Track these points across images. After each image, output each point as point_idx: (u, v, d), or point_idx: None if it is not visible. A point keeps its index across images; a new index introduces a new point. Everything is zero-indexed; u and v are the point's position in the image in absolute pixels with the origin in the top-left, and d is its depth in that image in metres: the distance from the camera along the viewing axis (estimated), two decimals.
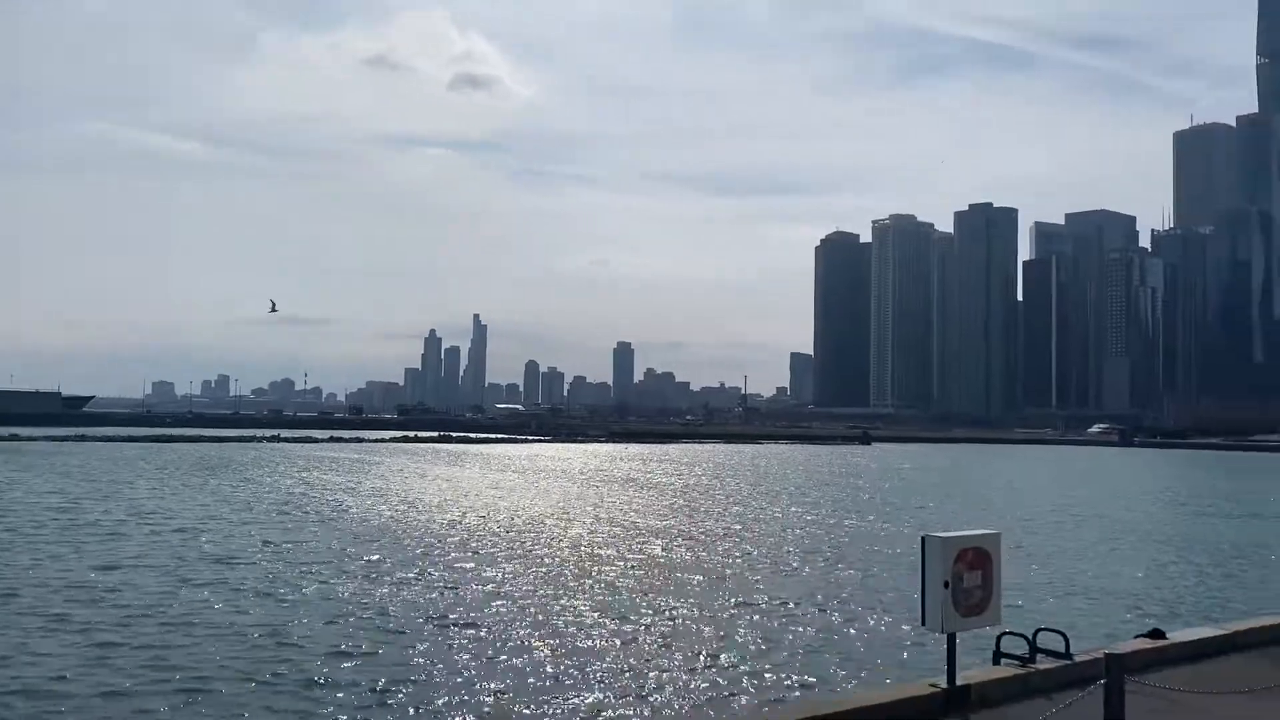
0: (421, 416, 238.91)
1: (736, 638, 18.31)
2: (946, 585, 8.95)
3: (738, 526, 38.30)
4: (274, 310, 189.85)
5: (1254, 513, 50.96)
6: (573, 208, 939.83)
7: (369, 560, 27.81)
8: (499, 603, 21.37)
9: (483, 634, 18.29)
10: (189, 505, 43.97)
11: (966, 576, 9.06)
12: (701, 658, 16.71)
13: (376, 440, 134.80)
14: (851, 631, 19.21)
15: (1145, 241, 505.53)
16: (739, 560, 28.90)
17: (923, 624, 9.39)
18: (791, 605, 21.79)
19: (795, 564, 28.56)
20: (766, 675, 15.73)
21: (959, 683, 9.27)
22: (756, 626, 19.39)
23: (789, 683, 15.19)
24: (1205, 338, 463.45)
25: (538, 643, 17.59)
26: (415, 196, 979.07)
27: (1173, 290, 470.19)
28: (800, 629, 19.30)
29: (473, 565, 27.01)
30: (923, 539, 9.24)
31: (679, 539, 33.51)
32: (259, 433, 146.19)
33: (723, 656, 16.81)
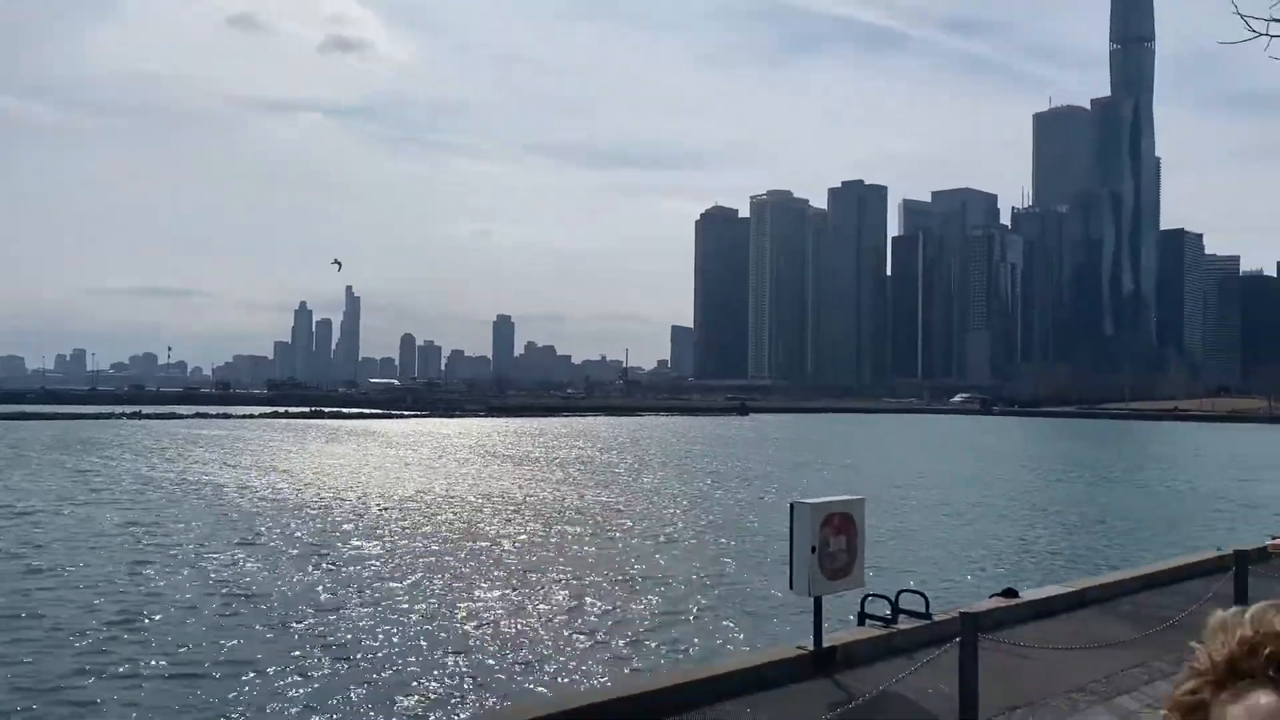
0: (292, 392, 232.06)
1: (610, 607, 18.44)
2: (813, 550, 9.16)
3: (616, 498, 38.54)
4: (339, 267, 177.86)
5: (1103, 477, 53.94)
6: (452, 177, 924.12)
7: (240, 541, 26.95)
8: (373, 581, 21.00)
9: (358, 613, 17.95)
10: (43, 487, 41.75)
11: (832, 541, 9.29)
12: (573, 627, 16.77)
13: (245, 416, 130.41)
14: (724, 597, 19.54)
15: (1006, 219, 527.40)
16: (615, 531, 29.10)
17: (791, 588, 9.60)
18: (666, 574, 22.06)
19: (671, 533, 28.92)
20: (640, 643, 15.89)
21: (825, 644, 9.51)
22: (631, 595, 19.57)
23: (662, 649, 15.37)
24: (1060, 312, 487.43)
25: (415, 617, 17.35)
26: (284, 163, 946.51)
27: (1030, 266, 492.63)
28: (673, 597, 19.56)
29: (349, 543, 26.47)
30: (791, 505, 9.43)
31: (556, 512, 33.53)
32: (119, 409, 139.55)
33: (595, 625, 16.91)
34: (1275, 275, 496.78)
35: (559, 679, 13.42)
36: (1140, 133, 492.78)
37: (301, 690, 13.19)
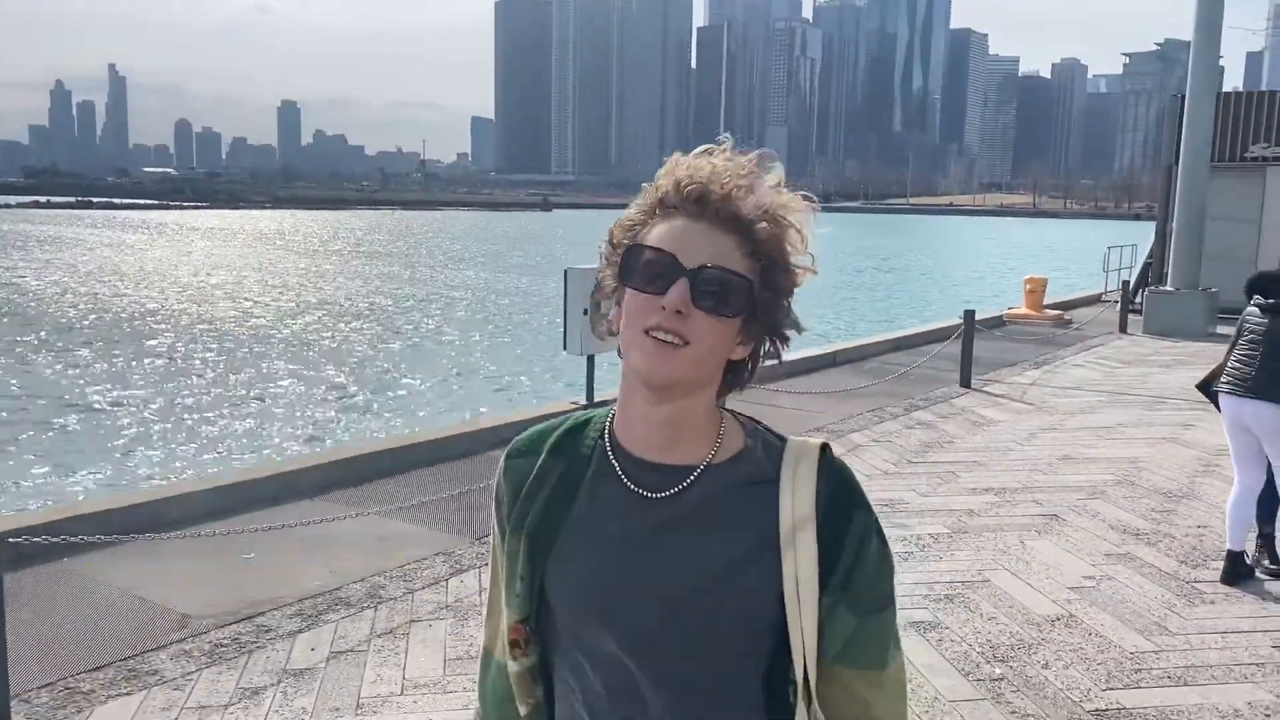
0: (54, 181, 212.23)
1: (397, 374, 18.58)
2: (585, 313, 9.52)
3: (412, 290, 38.12)
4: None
5: (891, 269, 57.34)
6: None
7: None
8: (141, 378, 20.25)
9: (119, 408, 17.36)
10: None
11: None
12: (363, 388, 16.89)
13: (2, 207, 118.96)
14: (506, 363, 19.88)
15: (809, 11, 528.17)
16: (404, 323, 28.97)
17: (564, 349, 10.01)
18: (457, 347, 22.28)
19: (462, 315, 29.05)
20: (423, 403, 16.23)
21: (596, 399, 10.06)
22: (416, 361, 19.70)
23: (440, 407, 15.68)
24: (853, 107, 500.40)
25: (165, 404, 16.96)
26: None
27: (829, 62, 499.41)
28: (465, 366, 19.86)
29: (115, 344, 25.22)
30: (565, 271, 9.70)
31: (349, 304, 32.91)
32: None
33: (382, 387, 17.06)
34: (1049, 77, 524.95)
35: (356, 429, 13.62)
36: None
37: None
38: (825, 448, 1.23)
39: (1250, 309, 5.24)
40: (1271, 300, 5.13)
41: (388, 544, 5.78)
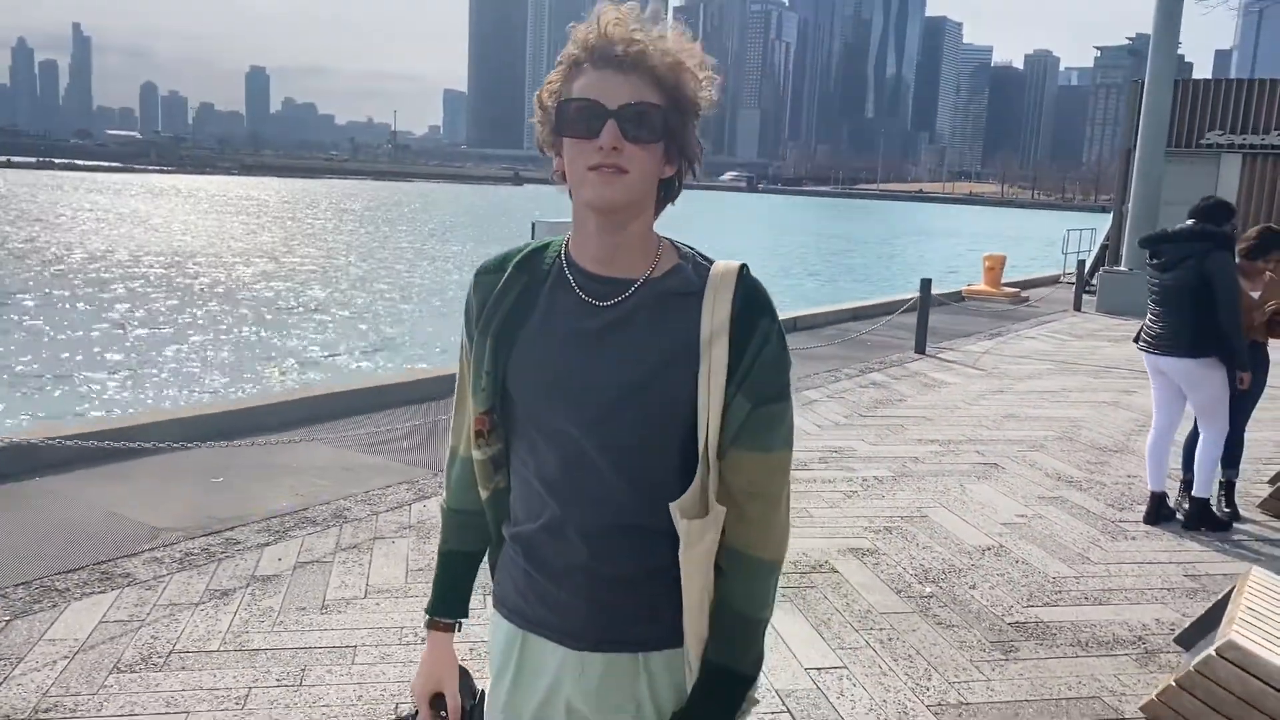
0: (14, 140, 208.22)
1: (368, 323, 18.67)
2: None
3: (384, 253, 38.01)
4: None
5: (855, 250, 57.81)
6: None
7: None
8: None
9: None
10: None
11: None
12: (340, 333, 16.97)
13: None
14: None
15: None
16: (384, 271, 28.94)
17: None
18: (427, 300, 22.36)
19: (430, 271, 29.06)
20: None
21: None
22: (389, 313, 19.79)
23: (410, 354, 15.82)
24: (826, 92, 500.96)
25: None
26: None
27: (804, 45, 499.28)
28: (437, 313, 19.95)
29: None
30: (533, 223, 9.90)
31: (327, 261, 32.78)
32: None
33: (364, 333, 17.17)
34: (1021, 68, 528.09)
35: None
36: None
37: None
38: (743, 268, 1.46)
39: (1147, 267, 5.55)
40: (1157, 260, 5.45)
41: (353, 473, 5.97)
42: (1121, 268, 16.90)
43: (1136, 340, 5.73)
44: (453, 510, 1.65)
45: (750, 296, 1.43)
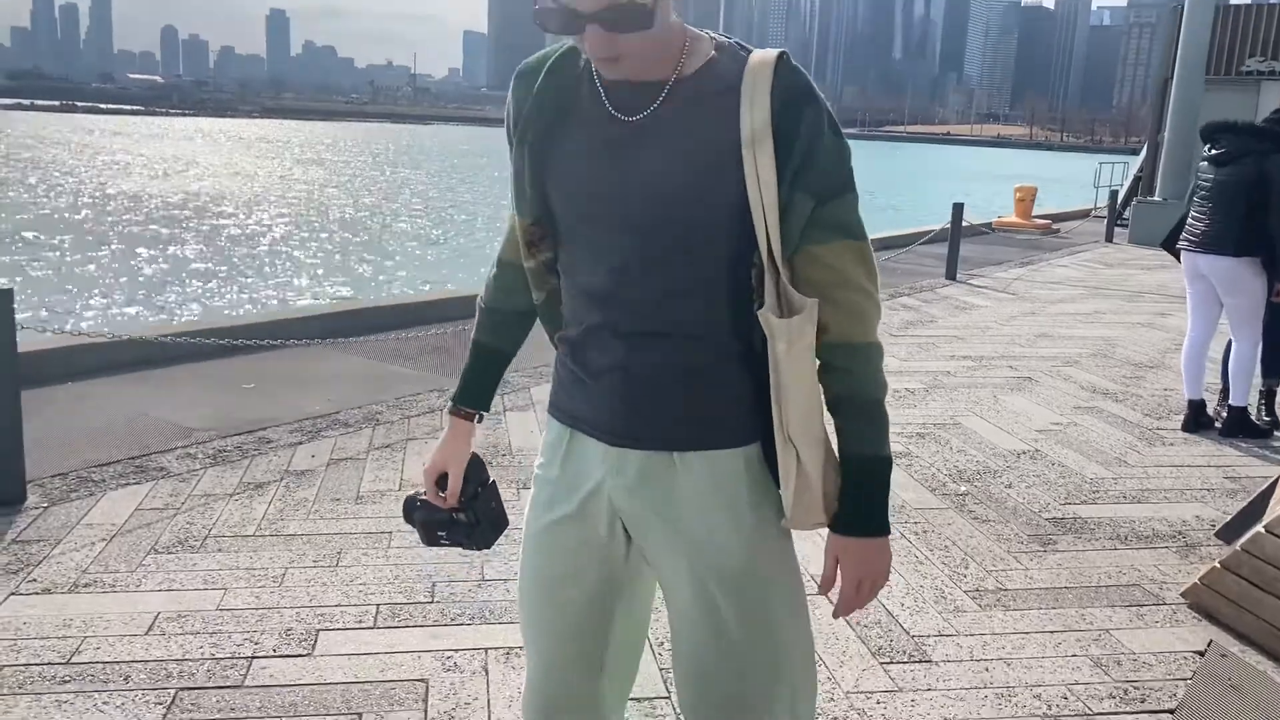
0: (37, 84, 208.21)
1: (402, 246, 18.71)
2: None
3: (420, 185, 37.90)
4: None
5: (876, 189, 57.15)
6: None
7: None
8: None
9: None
10: None
11: None
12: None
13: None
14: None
15: None
16: (420, 202, 28.88)
17: None
18: (460, 228, 22.33)
19: (466, 203, 29.00)
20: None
21: None
22: (422, 236, 19.79)
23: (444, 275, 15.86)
24: (853, 34, 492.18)
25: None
26: None
27: None
28: (469, 239, 19.95)
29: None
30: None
31: (362, 193, 32.73)
32: None
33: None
34: (1052, 7, 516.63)
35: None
36: None
37: None
38: (782, 55, 1.38)
39: (1201, 163, 5.39)
40: (1218, 151, 5.26)
41: (384, 381, 5.98)
42: (1155, 198, 16.59)
43: (1169, 243, 5.56)
44: (487, 308, 1.67)
45: (791, 86, 1.34)
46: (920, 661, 2.98)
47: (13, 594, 3.17)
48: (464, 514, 1.64)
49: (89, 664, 2.79)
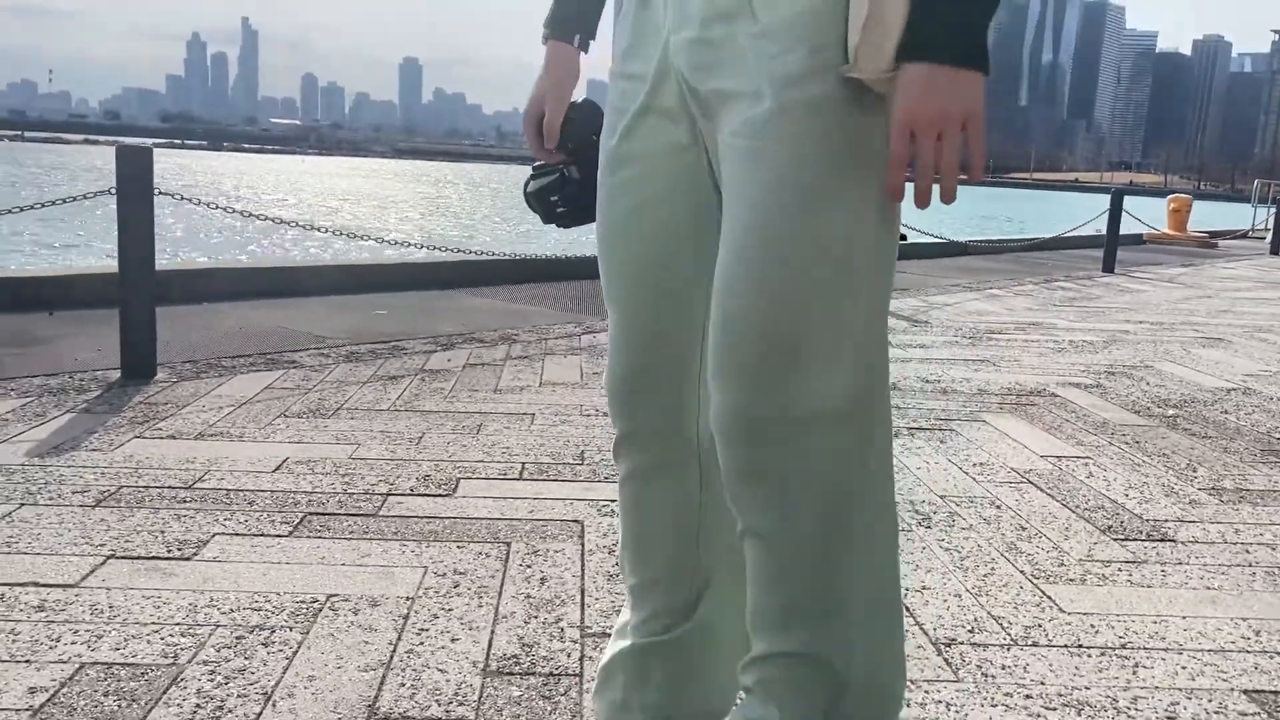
0: (188, 126, 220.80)
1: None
2: None
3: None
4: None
5: (1007, 221, 55.50)
6: None
7: None
8: None
9: None
10: None
11: None
12: None
13: (139, 146, 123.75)
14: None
15: None
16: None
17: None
18: None
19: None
20: None
21: None
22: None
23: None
24: None
25: None
26: None
27: None
28: None
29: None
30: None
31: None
32: None
33: None
34: (1189, 54, 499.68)
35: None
36: None
37: None
38: None
39: None
40: None
41: (519, 314, 5.73)
42: None
43: None
44: None
45: None
46: (1163, 540, 2.49)
47: (137, 437, 2.95)
48: (576, 168, 1.29)
49: (212, 489, 2.53)
